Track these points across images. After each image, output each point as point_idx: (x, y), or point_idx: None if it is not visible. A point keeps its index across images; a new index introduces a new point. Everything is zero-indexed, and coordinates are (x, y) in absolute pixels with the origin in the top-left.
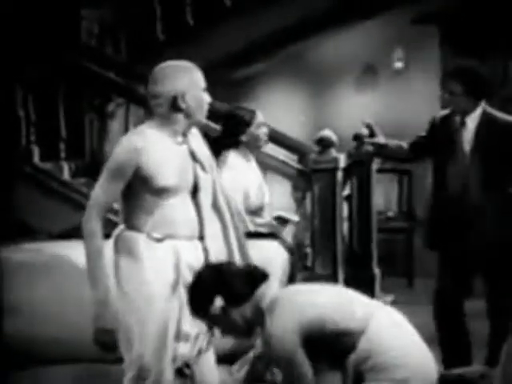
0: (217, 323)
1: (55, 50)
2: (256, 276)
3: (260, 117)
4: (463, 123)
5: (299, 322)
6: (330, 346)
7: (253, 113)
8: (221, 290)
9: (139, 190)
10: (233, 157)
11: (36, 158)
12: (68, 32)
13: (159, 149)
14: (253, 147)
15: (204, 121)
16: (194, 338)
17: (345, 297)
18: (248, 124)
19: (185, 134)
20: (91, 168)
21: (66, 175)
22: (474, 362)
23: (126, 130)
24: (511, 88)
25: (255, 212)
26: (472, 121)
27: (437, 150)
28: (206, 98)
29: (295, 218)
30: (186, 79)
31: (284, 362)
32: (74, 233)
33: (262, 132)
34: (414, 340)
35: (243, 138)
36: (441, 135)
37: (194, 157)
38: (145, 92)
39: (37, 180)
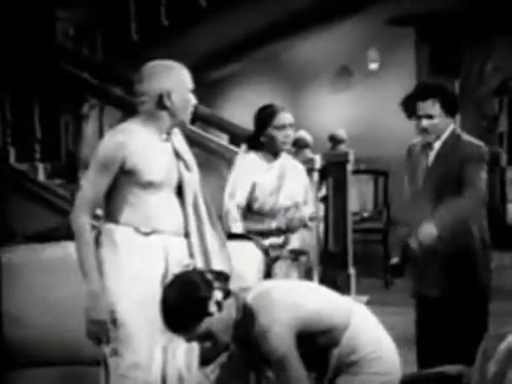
0: (210, 327)
1: (31, 51)
2: (224, 273)
3: (283, 118)
4: (429, 145)
5: (293, 321)
6: (316, 341)
7: (273, 113)
8: (217, 282)
9: (125, 185)
10: (244, 155)
11: (12, 159)
12: (43, 33)
13: (144, 144)
14: (271, 149)
15: (188, 121)
16: None
17: (326, 294)
18: (264, 125)
19: (168, 133)
20: (66, 169)
21: (42, 176)
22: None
23: (100, 131)
24: (487, 88)
25: (268, 214)
26: (438, 142)
27: (409, 181)
28: (192, 100)
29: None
30: (173, 78)
31: (278, 362)
32: (50, 234)
33: (282, 134)
34: (386, 336)
35: (261, 138)
36: (410, 162)
37: (177, 155)
38: (121, 93)
39: (13, 181)
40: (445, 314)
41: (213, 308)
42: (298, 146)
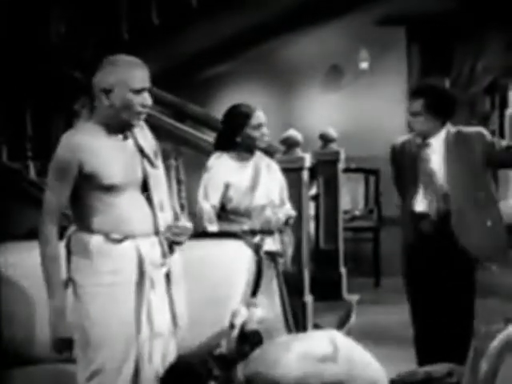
0: None
1: (22, 50)
2: (229, 358)
3: (258, 117)
4: (426, 144)
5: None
6: None
7: (250, 113)
8: (212, 375)
9: (87, 189)
10: (217, 157)
11: (4, 158)
12: (35, 32)
13: (101, 145)
14: (248, 148)
15: (134, 123)
16: (168, 335)
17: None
18: (242, 125)
19: (123, 131)
20: None
21: (33, 174)
22: None
23: None
24: (478, 86)
25: (243, 214)
26: (437, 140)
27: (400, 177)
28: (137, 100)
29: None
30: (115, 76)
31: None
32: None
33: (260, 133)
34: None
35: (238, 138)
36: (404, 161)
37: (142, 152)
38: None
39: (5, 179)
40: (436, 295)
41: None
42: (289, 144)
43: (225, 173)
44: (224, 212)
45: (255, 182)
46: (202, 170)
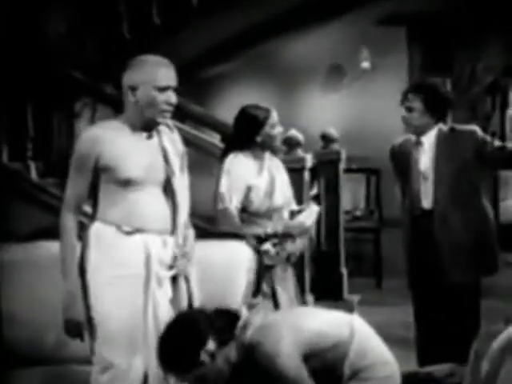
0: (202, 375)
1: (23, 50)
2: (232, 313)
3: (274, 116)
4: (419, 142)
5: (297, 343)
6: (324, 358)
7: (267, 112)
8: (213, 331)
9: (105, 183)
10: (234, 158)
11: (5, 158)
12: (35, 32)
13: (121, 140)
14: (267, 148)
15: (159, 120)
16: None
17: (323, 313)
18: (262, 124)
19: (146, 129)
20: (59, 168)
21: (34, 175)
22: None
23: None
24: (480, 87)
25: (264, 215)
26: (428, 139)
27: (398, 176)
28: (162, 98)
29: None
30: (141, 73)
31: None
32: (42, 234)
33: (276, 131)
34: (382, 343)
35: (257, 138)
36: (400, 161)
37: (165, 156)
38: (114, 91)
39: (6, 180)
40: (440, 302)
41: (204, 358)
42: (290, 145)
43: (245, 175)
44: (245, 214)
45: (272, 184)
46: (203, 169)
